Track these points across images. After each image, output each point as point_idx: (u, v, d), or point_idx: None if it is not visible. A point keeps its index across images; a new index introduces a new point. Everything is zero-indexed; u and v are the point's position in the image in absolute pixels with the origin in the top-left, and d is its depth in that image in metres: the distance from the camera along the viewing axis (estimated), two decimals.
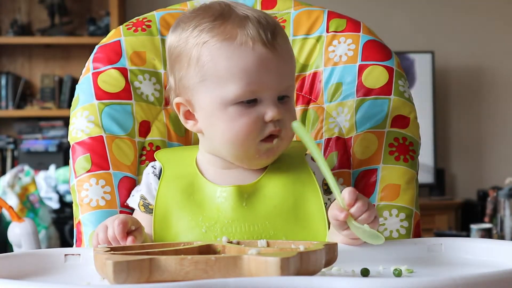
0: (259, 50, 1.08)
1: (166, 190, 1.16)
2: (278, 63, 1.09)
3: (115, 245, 1.04)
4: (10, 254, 1.04)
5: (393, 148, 1.27)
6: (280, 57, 1.10)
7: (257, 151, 1.12)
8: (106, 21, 4.25)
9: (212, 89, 1.10)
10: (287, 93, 1.13)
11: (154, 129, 1.31)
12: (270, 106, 1.09)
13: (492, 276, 0.78)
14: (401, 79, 1.33)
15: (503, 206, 3.41)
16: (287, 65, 1.12)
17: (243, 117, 1.09)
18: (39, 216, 3.20)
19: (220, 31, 1.09)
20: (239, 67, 1.08)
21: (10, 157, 4.25)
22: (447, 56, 4.49)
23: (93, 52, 1.34)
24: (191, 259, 0.82)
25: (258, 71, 1.08)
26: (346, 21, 1.37)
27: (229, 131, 1.10)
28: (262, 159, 1.13)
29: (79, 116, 1.29)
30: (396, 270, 0.94)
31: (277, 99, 1.11)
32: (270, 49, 1.08)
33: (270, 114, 1.09)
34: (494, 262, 1.03)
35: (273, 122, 1.10)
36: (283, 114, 1.11)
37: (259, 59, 1.08)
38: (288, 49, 1.14)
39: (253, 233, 1.11)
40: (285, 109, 1.12)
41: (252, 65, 1.08)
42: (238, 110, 1.09)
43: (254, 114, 1.09)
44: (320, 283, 0.75)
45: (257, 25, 1.09)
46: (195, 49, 1.11)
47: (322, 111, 1.34)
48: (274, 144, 1.11)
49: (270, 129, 1.10)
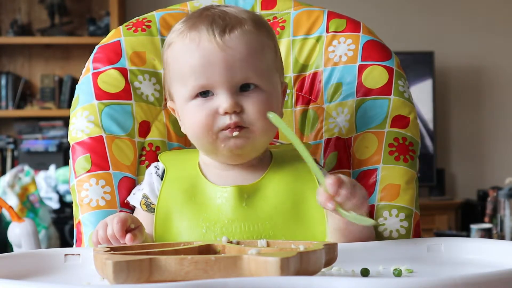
0: (204, 46, 1.11)
1: (169, 191, 1.17)
2: (226, 56, 1.10)
3: (114, 243, 1.05)
4: (10, 254, 1.04)
5: (393, 148, 1.27)
6: (229, 50, 1.10)
7: (220, 141, 1.12)
8: (106, 21, 4.25)
9: (178, 87, 1.15)
10: (248, 83, 1.12)
11: (154, 129, 1.31)
12: (222, 98, 1.11)
13: (492, 276, 0.78)
14: (401, 79, 1.33)
15: (503, 206, 3.41)
16: (239, 57, 1.11)
17: (199, 111, 1.12)
18: (39, 216, 3.20)
19: (180, 32, 1.15)
20: (188, 64, 1.12)
21: (10, 157, 4.25)
22: (447, 56, 4.49)
23: (93, 52, 1.34)
24: (191, 259, 0.82)
25: (203, 66, 1.11)
26: (346, 21, 1.37)
27: (190, 126, 1.15)
28: (229, 147, 1.13)
29: (79, 116, 1.29)
30: (396, 270, 0.94)
31: (239, 90, 1.12)
32: (215, 44, 1.10)
33: (222, 106, 1.10)
34: (494, 262, 1.03)
35: (230, 114, 1.11)
36: (243, 105, 1.11)
37: (203, 54, 1.11)
38: (246, 42, 1.12)
39: (253, 233, 1.11)
40: (247, 100, 1.12)
41: (197, 61, 1.11)
42: (195, 105, 1.13)
43: (209, 107, 1.12)
44: (320, 283, 0.75)
45: (210, 23, 1.12)
46: (165, 53, 1.18)
47: (322, 111, 1.34)
48: (235, 135, 1.11)
49: (225, 122, 1.11)
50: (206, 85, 1.11)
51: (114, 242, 1.05)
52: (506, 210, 3.38)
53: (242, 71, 1.11)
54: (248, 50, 1.12)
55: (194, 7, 1.39)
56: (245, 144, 1.13)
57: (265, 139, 1.16)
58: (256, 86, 1.13)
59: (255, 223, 1.12)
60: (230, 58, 1.11)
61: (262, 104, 1.12)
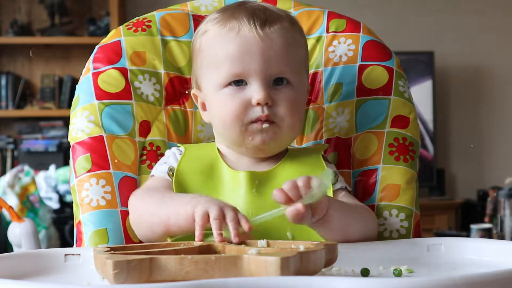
0: (244, 34, 1.12)
1: (186, 169, 1.18)
2: (264, 47, 1.12)
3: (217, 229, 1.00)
4: (10, 254, 1.03)
5: (393, 148, 1.27)
6: (268, 41, 1.12)
7: (249, 134, 1.13)
8: (106, 21, 4.25)
9: (209, 74, 1.16)
10: (282, 77, 1.14)
11: (154, 129, 1.31)
12: (256, 89, 1.12)
13: (492, 276, 0.78)
14: (401, 79, 1.33)
15: (503, 206, 3.41)
16: (277, 50, 1.13)
17: (231, 100, 1.13)
18: (39, 216, 3.20)
19: (217, 21, 1.16)
20: (225, 51, 1.13)
21: (10, 157, 4.25)
22: (447, 56, 4.49)
23: (93, 52, 1.34)
24: (191, 259, 0.82)
25: (241, 54, 1.12)
26: (346, 21, 1.37)
27: (219, 115, 1.15)
28: (256, 143, 1.14)
29: (79, 116, 1.29)
30: (396, 270, 0.94)
31: (272, 84, 1.13)
32: (256, 34, 1.12)
33: (255, 97, 1.11)
34: (494, 262, 1.03)
35: (261, 106, 1.12)
36: (275, 99, 1.12)
37: (243, 43, 1.12)
38: (284, 37, 1.14)
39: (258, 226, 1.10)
40: (279, 94, 1.13)
41: (236, 49, 1.13)
42: (227, 94, 1.14)
43: (241, 97, 1.13)
44: (320, 283, 0.75)
45: (251, 14, 1.14)
46: (199, 39, 1.19)
47: (322, 111, 1.34)
48: (265, 128, 1.12)
49: (257, 113, 1.12)
50: (241, 73, 1.13)
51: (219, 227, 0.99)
52: (506, 210, 3.38)
53: (278, 64, 1.13)
54: (285, 44, 1.14)
55: (195, 7, 1.39)
56: (272, 140, 1.14)
57: (291, 136, 1.18)
58: (288, 82, 1.15)
59: (263, 210, 1.11)
60: (268, 50, 1.12)
61: (292, 100, 1.14)
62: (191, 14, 1.38)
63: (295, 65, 1.16)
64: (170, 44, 1.35)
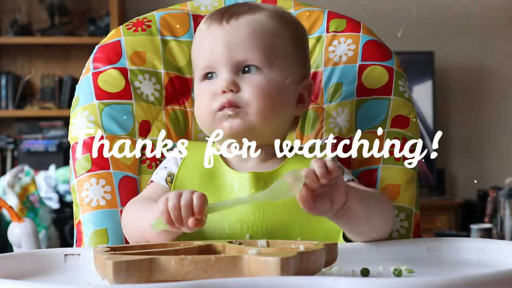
0: (212, 28, 1.15)
1: (186, 172, 1.17)
2: (229, 36, 1.13)
3: (176, 219, 0.97)
4: (10, 254, 1.03)
5: (393, 148, 1.27)
6: (234, 31, 1.13)
7: (217, 123, 1.13)
8: (106, 21, 4.25)
9: (194, 71, 1.20)
10: (249, 64, 1.12)
11: (155, 129, 1.31)
12: (222, 78, 1.13)
13: (492, 276, 0.78)
14: (401, 79, 1.33)
15: (503, 206, 3.41)
16: (242, 38, 1.13)
17: (203, 93, 1.16)
18: (39, 216, 3.20)
19: (203, 20, 1.19)
20: (198, 46, 1.18)
21: (10, 157, 4.25)
22: (447, 56, 4.49)
23: (93, 52, 1.34)
24: (191, 259, 0.82)
25: (209, 47, 1.14)
26: (346, 21, 1.37)
27: (196, 110, 1.19)
28: (226, 130, 1.12)
29: (79, 116, 1.29)
30: (396, 270, 0.94)
31: (241, 73, 1.13)
32: (220, 25, 1.14)
33: (220, 86, 1.12)
34: (494, 262, 1.03)
35: (226, 94, 1.11)
36: (242, 86, 1.11)
37: (211, 36, 1.15)
38: (252, 26, 1.14)
39: (267, 221, 1.10)
40: (246, 81, 1.12)
41: (205, 43, 1.16)
42: (201, 88, 1.16)
43: (211, 89, 1.14)
44: (320, 283, 0.75)
45: (226, 9, 1.17)
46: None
47: (322, 111, 1.34)
48: (230, 114, 1.11)
49: (221, 100, 1.12)
50: (209, 65, 1.14)
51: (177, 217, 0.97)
52: (506, 210, 3.39)
53: (243, 51, 1.13)
54: (252, 32, 1.14)
55: (194, 7, 1.39)
56: (241, 126, 1.12)
57: (263, 122, 1.12)
58: (259, 70, 1.13)
59: (269, 211, 1.11)
60: (232, 38, 1.13)
61: (261, 86, 1.12)
62: (191, 14, 1.38)
63: (268, 53, 1.13)
64: (170, 44, 1.35)
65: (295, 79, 1.17)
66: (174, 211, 0.96)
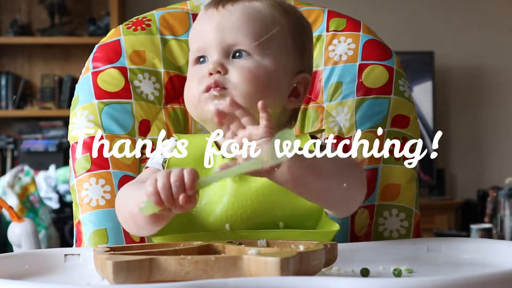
0: (207, 12, 1.15)
1: (177, 158, 1.14)
2: (220, 20, 1.12)
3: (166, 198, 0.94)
4: (10, 254, 1.03)
5: (393, 148, 1.27)
6: (226, 14, 1.12)
7: (203, 104, 1.11)
8: (106, 21, 4.25)
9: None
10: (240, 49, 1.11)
11: (154, 128, 1.31)
12: (210, 60, 1.12)
13: (492, 276, 0.78)
14: (401, 78, 1.33)
15: (503, 206, 3.41)
16: (234, 21, 1.12)
17: (193, 76, 1.14)
18: (39, 216, 3.20)
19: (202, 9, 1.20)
20: (192, 31, 1.18)
21: (10, 157, 4.25)
22: (447, 56, 4.49)
23: (93, 52, 1.34)
24: (191, 259, 0.82)
25: (202, 30, 1.14)
26: (346, 20, 1.37)
27: (185, 91, 1.16)
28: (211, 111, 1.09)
29: (79, 115, 1.29)
30: (396, 270, 0.94)
31: (232, 57, 1.11)
32: (215, 8, 1.14)
33: (207, 67, 1.11)
34: (494, 262, 1.03)
35: (213, 75, 1.10)
36: (230, 69, 1.10)
37: (205, 20, 1.14)
38: (246, 11, 1.13)
39: (245, 209, 1.08)
40: (235, 65, 1.10)
41: (199, 26, 1.16)
42: (192, 71, 1.15)
43: (200, 72, 1.12)
44: (320, 283, 0.75)
45: None
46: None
47: (322, 110, 1.34)
48: (216, 95, 1.09)
49: (207, 81, 1.10)
50: (201, 48, 1.14)
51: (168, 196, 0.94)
52: (506, 210, 3.39)
53: (233, 34, 1.11)
54: (245, 16, 1.12)
55: (194, 6, 1.39)
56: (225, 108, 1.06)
57: (250, 108, 1.05)
58: (250, 56, 1.11)
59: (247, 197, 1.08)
60: (223, 21, 1.12)
61: (250, 70, 1.10)
62: (190, 13, 1.38)
63: (257, 38, 1.11)
64: (170, 43, 1.35)
65: (289, 70, 1.15)
66: (164, 190, 0.93)
